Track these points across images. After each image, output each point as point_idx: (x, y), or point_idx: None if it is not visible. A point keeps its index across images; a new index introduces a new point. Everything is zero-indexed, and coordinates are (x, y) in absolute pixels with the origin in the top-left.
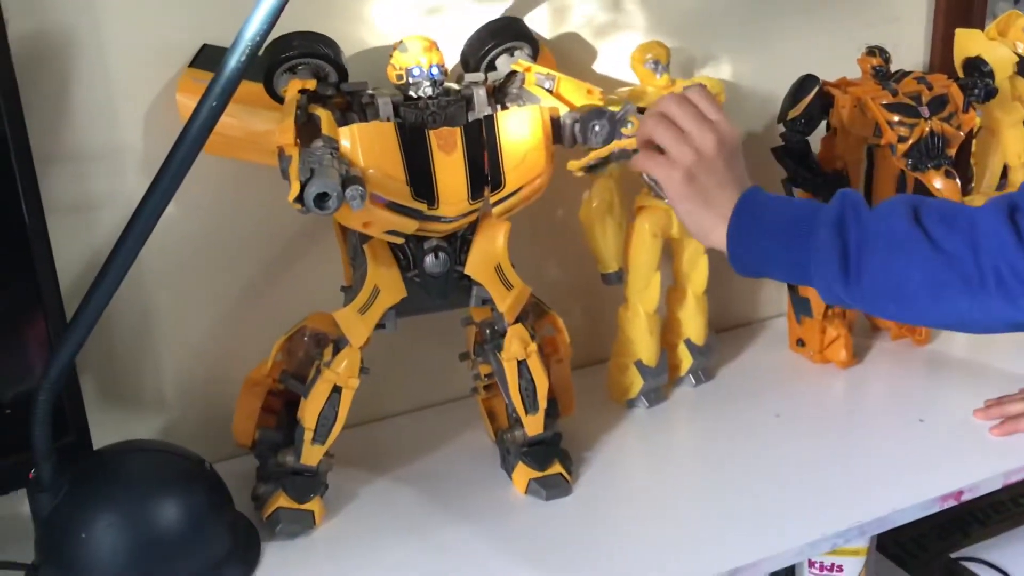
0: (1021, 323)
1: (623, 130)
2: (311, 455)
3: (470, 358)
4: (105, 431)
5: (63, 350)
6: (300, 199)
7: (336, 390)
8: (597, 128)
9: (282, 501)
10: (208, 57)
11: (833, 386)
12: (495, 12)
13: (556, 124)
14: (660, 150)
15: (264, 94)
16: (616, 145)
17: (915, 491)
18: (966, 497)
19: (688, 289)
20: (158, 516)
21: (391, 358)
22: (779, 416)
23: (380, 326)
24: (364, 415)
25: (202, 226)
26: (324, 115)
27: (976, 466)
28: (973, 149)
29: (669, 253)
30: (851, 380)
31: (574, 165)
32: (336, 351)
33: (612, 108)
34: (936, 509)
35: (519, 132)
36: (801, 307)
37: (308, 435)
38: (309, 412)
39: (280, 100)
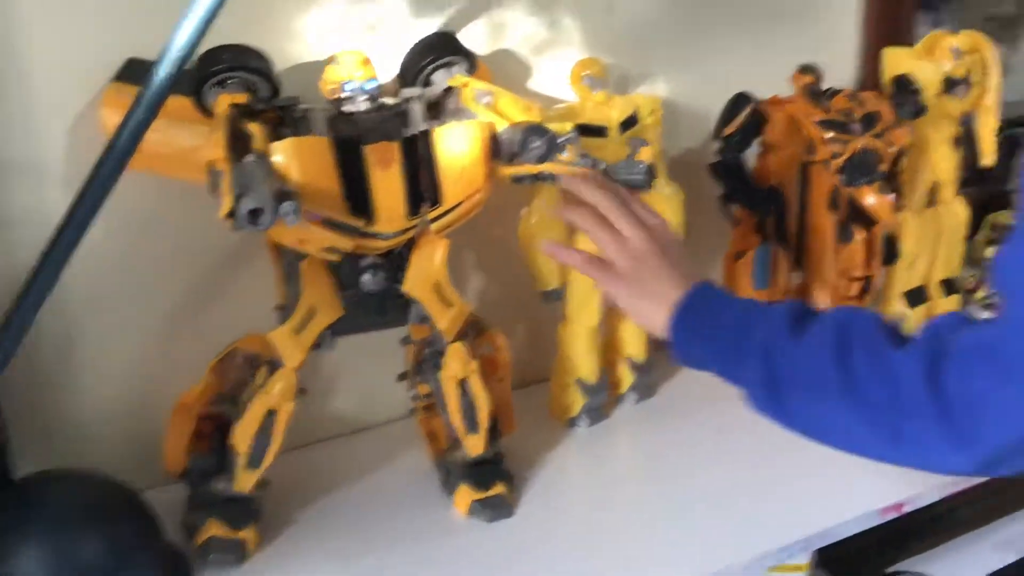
0: (952, 470)
1: (559, 155)
2: (245, 481)
3: (409, 378)
4: (26, 460)
5: None
6: (232, 215)
7: (271, 413)
8: (535, 145)
9: (214, 529)
10: (134, 71)
11: None
12: (432, 27)
13: (494, 139)
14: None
15: (191, 108)
16: (549, 168)
17: (857, 504)
18: (907, 509)
19: None
20: (83, 548)
21: (326, 378)
22: (721, 432)
23: (316, 346)
24: (299, 438)
25: (127, 245)
26: (256, 130)
27: (915, 478)
28: (902, 166)
29: None
30: None
31: (505, 170)
32: (270, 373)
33: (553, 128)
34: (878, 522)
35: (457, 147)
36: None
37: (241, 460)
38: (242, 436)
39: (209, 114)
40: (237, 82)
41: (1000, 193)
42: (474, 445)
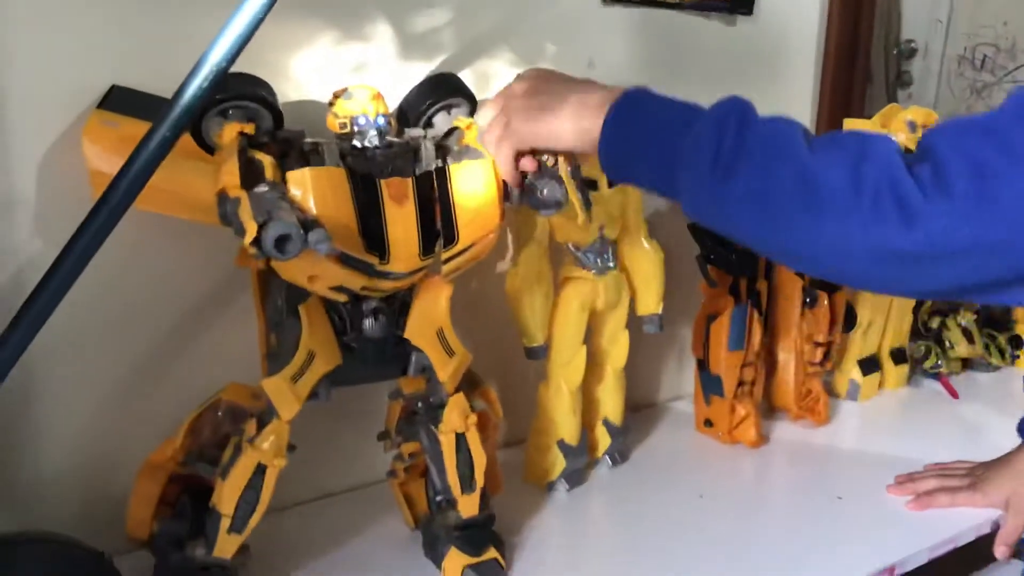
0: (885, 253)
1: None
2: (227, 546)
3: (390, 437)
4: None
5: None
6: (257, 242)
7: (260, 470)
8: (546, 191)
9: None
10: (118, 99)
11: (747, 466)
12: (419, 71)
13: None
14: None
15: (186, 140)
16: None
17: (846, 570)
18: (898, 573)
19: (607, 366)
20: None
21: (296, 440)
22: (702, 497)
23: (312, 396)
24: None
25: (93, 290)
26: (267, 159)
27: (901, 542)
28: None
29: (589, 329)
30: (763, 460)
31: None
32: (261, 426)
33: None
34: None
35: (473, 186)
36: (711, 386)
37: (225, 523)
38: (228, 496)
39: (205, 147)
40: (239, 112)
41: None
42: (469, 505)
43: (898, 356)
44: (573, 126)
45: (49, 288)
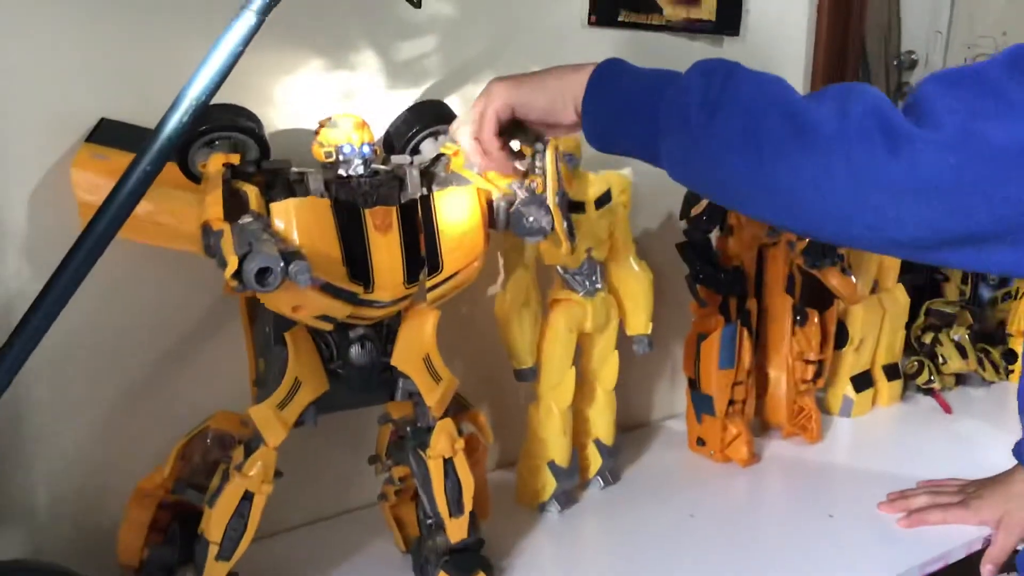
0: (868, 182)
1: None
2: (215, 573)
3: (380, 461)
4: None
5: None
6: (238, 275)
7: (247, 497)
8: (532, 219)
9: None
10: (107, 132)
11: (738, 485)
12: (407, 97)
13: (490, 207)
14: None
15: (172, 169)
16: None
17: None
18: None
19: (598, 386)
20: None
21: (285, 467)
22: (694, 516)
23: (298, 423)
24: (263, 527)
25: (83, 317)
26: (252, 190)
27: (893, 560)
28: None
29: (578, 350)
30: (754, 478)
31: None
32: (248, 452)
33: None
34: None
35: (457, 213)
36: (703, 405)
37: (213, 550)
38: (216, 523)
39: (193, 177)
40: (226, 142)
41: (932, 281)
42: (457, 530)
43: (891, 372)
44: (556, 85)
45: (36, 317)
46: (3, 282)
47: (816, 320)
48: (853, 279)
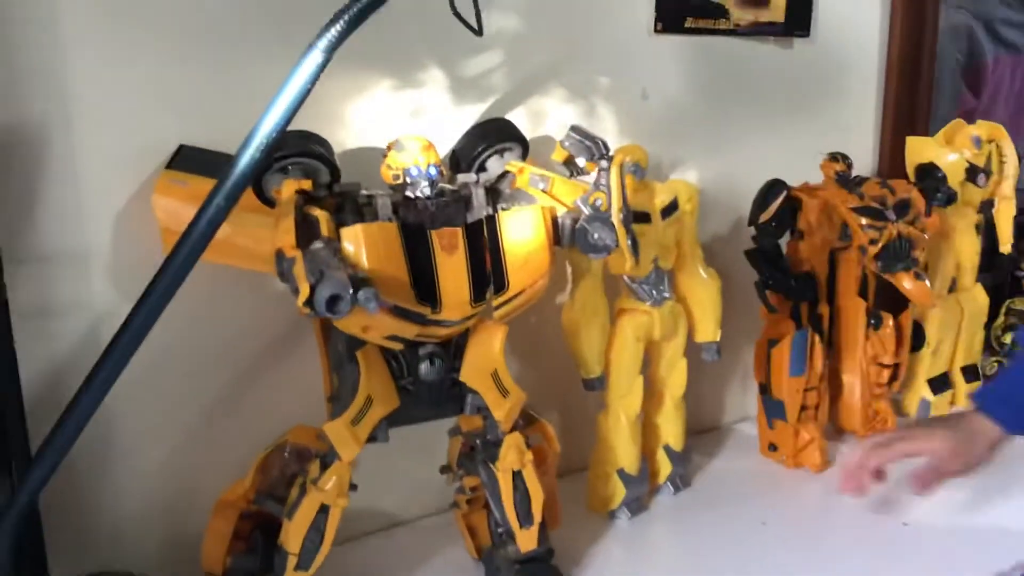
0: None
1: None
2: None
3: (452, 471)
4: (60, 563)
5: (25, 490)
6: (310, 303)
7: (323, 510)
8: (596, 236)
9: None
10: (186, 158)
11: (811, 491)
12: (473, 114)
13: (556, 225)
14: None
15: (249, 195)
16: None
17: None
18: None
19: (666, 393)
20: None
21: (361, 474)
22: (765, 524)
23: (371, 438)
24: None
25: (167, 338)
26: (323, 216)
27: (969, 567)
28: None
29: (647, 357)
30: (827, 484)
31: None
32: (324, 467)
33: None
34: None
35: (522, 233)
36: (774, 411)
37: (292, 561)
38: (294, 535)
39: (267, 201)
40: (298, 168)
41: (1013, 279)
42: (527, 540)
43: (970, 373)
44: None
45: (125, 338)
46: (90, 305)
47: (891, 323)
48: (927, 283)
